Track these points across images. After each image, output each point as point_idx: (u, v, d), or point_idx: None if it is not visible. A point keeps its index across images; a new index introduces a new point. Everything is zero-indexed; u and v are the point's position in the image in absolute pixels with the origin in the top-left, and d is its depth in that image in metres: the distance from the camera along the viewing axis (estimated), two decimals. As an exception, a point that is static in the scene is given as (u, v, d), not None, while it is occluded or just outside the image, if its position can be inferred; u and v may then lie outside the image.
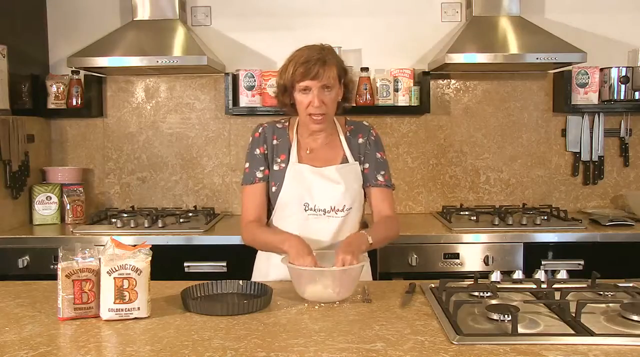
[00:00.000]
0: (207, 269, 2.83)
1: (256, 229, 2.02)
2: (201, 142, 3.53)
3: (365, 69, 3.33)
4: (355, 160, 2.06)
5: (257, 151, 2.07)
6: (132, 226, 2.97)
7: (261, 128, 2.09)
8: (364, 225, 2.14)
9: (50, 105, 3.34)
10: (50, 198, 3.20)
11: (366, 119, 3.41)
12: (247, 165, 2.08)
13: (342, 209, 2.00)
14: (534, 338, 1.41)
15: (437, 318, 1.56)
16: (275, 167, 2.04)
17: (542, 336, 1.44)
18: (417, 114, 3.46)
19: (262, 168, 2.06)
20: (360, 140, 2.09)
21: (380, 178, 2.08)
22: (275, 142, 2.07)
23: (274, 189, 2.04)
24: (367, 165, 2.08)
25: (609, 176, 3.51)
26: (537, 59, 3.01)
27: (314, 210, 1.99)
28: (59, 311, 1.59)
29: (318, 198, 1.99)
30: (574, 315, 1.52)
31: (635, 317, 1.51)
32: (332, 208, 1.99)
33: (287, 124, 2.11)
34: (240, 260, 2.15)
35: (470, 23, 3.26)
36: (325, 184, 2.00)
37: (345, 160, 2.05)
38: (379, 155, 2.11)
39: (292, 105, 2.00)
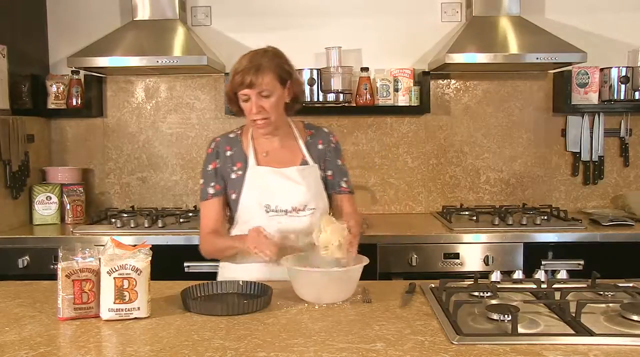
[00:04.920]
0: (207, 269, 2.82)
1: (215, 238, 2.05)
2: (201, 142, 3.52)
3: (365, 69, 3.33)
4: (315, 163, 2.07)
5: (210, 167, 2.08)
6: (132, 226, 2.97)
7: (214, 143, 2.11)
8: None
9: (50, 105, 3.33)
10: (50, 198, 3.20)
11: (366, 119, 3.47)
12: (201, 181, 2.11)
13: (304, 209, 2.01)
14: (534, 338, 1.42)
15: (437, 318, 1.56)
16: (233, 176, 2.05)
17: (542, 336, 1.44)
18: (417, 114, 3.46)
19: (212, 184, 2.07)
20: (321, 146, 2.09)
21: (343, 185, 2.11)
22: (229, 153, 2.07)
23: (233, 196, 2.05)
24: (329, 173, 2.10)
25: (609, 176, 3.51)
26: (537, 59, 3.01)
27: (276, 210, 2.00)
28: (59, 311, 1.59)
29: (279, 198, 2.00)
30: (574, 315, 1.52)
31: (635, 317, 1.51)
32: (294, 208, 2.00)
33: (239, 132, 2.12)
34: (240, 260, 2.15)
35: (470, 23, 3.26)
36: (286, 183, 2.01)
37: (305, 162, 2.06)
38: (339, 162, 2.13)
39: (240, 110, 2.01)
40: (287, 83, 1.98)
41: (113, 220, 3.06)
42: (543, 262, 2.83)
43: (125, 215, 3.21)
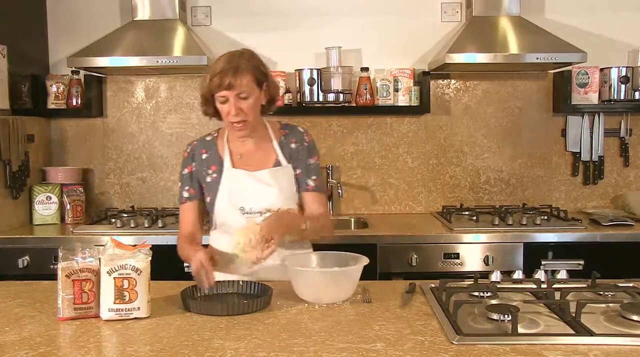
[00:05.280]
0: (207, 269, 2.83)
1: (184, 244, 2.03)
2: (201, 142, 3.52)
3: (365, 69, 3.34)
4: (289, 163, 2.06)
5: (185, 171, 2.09)
6: (132, 226, 2.98)
7: (189, 147, 2.12)
8: None
9: (50, 105, 3.33)
10: (50, 198, 3.20)
11: (366, 119, 3.47)
12: (179, 184, 2.12)
13: (278, 211, 1.99)
14: (534, 338, 1.42)
15: (437, 318, 1.56)
16: (208, 179, 2.05)
17: (542, 336, 1.44)
18: (417, 114, 3.46)
19: (187, 188, 2.08)
20: (293, 146, 2.08)
21: (310, 183, 2.07)
22: (204, 156, 2.08)
23: (208, 199, 2.06)
24: (298, 171, 2.07)
25: (609, 176, 3.51)
26: (537, 59, 3.01)
27: (250, 212, 2.00)
28: (59, 311, 1.59)
29: (253, 201, 1.99)
30: (574, 315, 1.52)
31: (635, 317, 1.51)
32: (267, 210, 1.99)
33: (216, 134, 2.12)
34: (240, 260, 2.15)
35: (470, 23, 3.26)
36: (259, 186, 2.00)
37: (278, 163, 2.05)
38: (311, 160, 2.09)
39: (216, 112, 2.00)
40: (264, 85, 1.97)
41: (113, 220, 3.06)
42: (543, 262, 2.83)
43: (125, 215, 3.21)
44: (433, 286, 1.84)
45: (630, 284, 1.82)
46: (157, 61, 3.02)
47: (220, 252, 1.98)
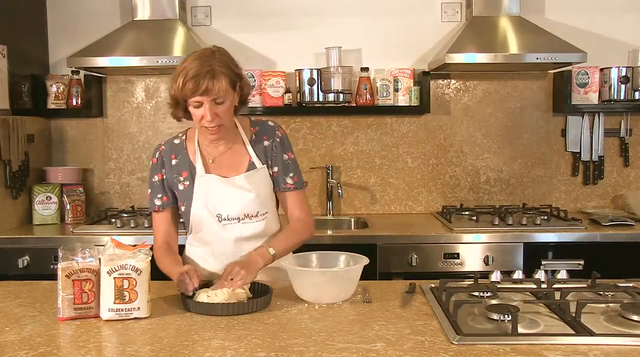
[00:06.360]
0: (207, 269, 2.83)
1: (160, 258, 1.94)
2: (201, 142, 3.52)
3: (365, 69, 3.34)
4: (263, 164, 1.99)
5: (155, 178, 2.00)
6: (132, 226, 2.98)
7: (158, 152, 2.03)
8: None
9: (50, 105, 3.34)
10: (50, 198, 3.20)
11: (366, 119, 3.48)
12: (149, 191, 2.04)
13: (257, 215, 1.96)
14: (534, 338, 1.42)
15: (437, 318, 1.56)
16: (180, 187, 1.98)
17: (542, 336, 1.44)
18: (417, 114, 3.46)
19: (159, 195, 2.00)
20: (266, 143, 2.00)
21: (289, 181, 2.00)
22: (174, 162, 1.99)
23: (183, 208, 1.99)
24: (275, 169, 2.01)
25: (609, 176, 3.51)
26: (537, 59, 3.01)
27: (228, 219, 1.94)
28: (59, 311, 1.59)
29: (230, 208, 1.94)
30: (574, 315, 1.52)
31: (635, 317, 1.51)
32: (246, 215, 1.95)
33: (184, 137, 2.03)
34: (240, 260, 2.15)
35: (470, 23, 3.26)
36: (236, 192, 1.94)
37: (252, 166, 1.98)
38: (286, 156, 2.01)
39: (186, 114, 1.93)
40: (237, 86, 1.89)
41: (113, 220, 3.06)
42: (543, 262, 2.83)
43: (125, 215, 3.21)
44: (433, 286, 1.84)
45: (630, 284, 1.82)
46: (157, 61, 3.02)
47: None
